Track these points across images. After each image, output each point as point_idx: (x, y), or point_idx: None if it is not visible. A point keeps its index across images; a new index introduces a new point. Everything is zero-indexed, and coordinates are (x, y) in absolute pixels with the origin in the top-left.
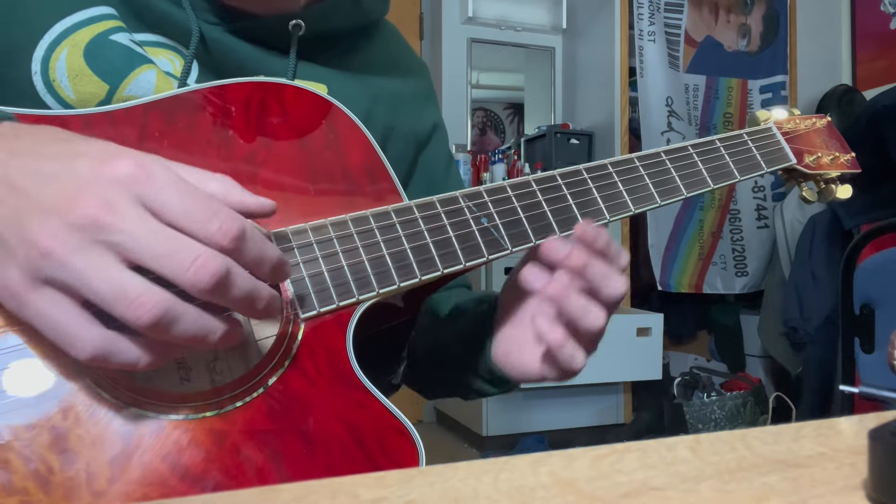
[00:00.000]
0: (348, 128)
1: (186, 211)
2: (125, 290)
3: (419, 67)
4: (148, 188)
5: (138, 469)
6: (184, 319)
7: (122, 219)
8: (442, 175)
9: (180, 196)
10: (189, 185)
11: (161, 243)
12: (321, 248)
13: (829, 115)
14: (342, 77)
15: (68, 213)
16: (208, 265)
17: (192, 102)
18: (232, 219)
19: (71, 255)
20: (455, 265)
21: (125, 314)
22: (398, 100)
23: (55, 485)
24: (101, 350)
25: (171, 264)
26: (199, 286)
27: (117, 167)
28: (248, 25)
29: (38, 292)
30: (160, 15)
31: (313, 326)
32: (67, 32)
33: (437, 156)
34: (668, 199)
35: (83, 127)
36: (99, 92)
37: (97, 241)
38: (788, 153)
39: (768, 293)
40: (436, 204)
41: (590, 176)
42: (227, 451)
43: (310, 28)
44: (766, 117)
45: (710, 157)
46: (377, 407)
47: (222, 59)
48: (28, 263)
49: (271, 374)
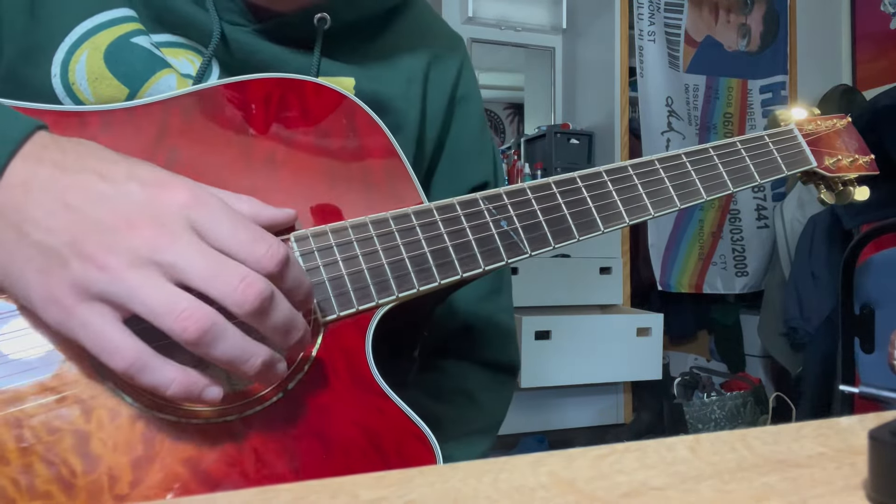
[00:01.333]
0: (368, 126)
1: (236, 236)
2: (175, 303)
3: (451, 39)
4: (200, 214)
5: (160, 473)
6: (228, 338)
7: (175, 241)
8: (468, 146)
9: (230, 223)
10: (237, 214)
11: (211, 265)
12: (341, 250)
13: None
14: (371, 67)
15: (126, 234)
16: (255, 285)
17: (212, 99)
18: (277, 245)
19: (126, 271)
20: (475, 269)
21: (172, 327)
22: (431, 78)
23: (78, 488)
24: (139, 362)
25: (218, 284)
26: (244, 307)
27: (173, 195)
28: (274, 24)
29: (86, 304)
30: (183, 16)
31: (332, 330)
32: (88, 35)
33: (464, 128)
34: (688, 202)
35: (102, 124)
36: (118, 95)
37: (150, 262)
38: (809, 156)
39: (768, 293)
40: (455, 206)
41: (610, 178)
42: (247, 455)
43: (336, 19)
44: (786, 118)
45: (731, 160)
46: (396, 412)
47: (245, 59)
48: (83, 277)
49: (290, 379)
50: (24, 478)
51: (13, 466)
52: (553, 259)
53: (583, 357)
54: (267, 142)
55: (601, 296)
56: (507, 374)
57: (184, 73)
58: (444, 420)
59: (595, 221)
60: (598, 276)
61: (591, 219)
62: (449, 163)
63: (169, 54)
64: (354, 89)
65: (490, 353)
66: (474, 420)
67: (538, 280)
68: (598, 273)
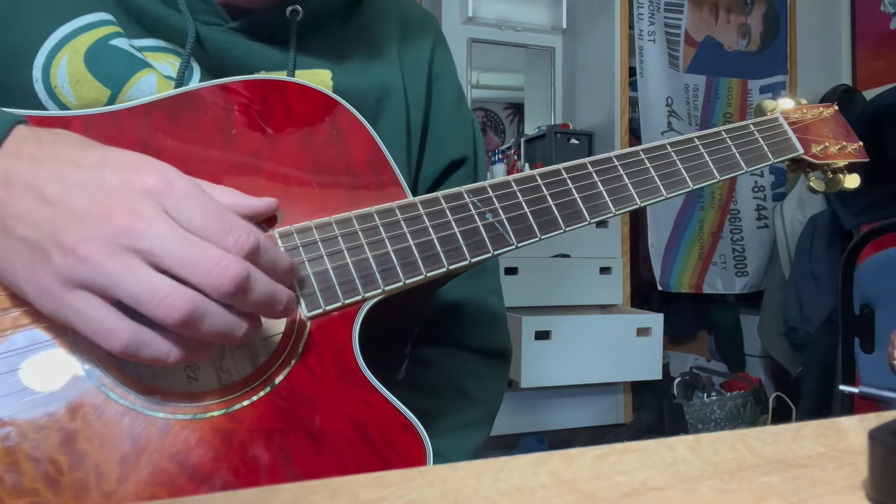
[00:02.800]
0: (351, 123)
1: (205, 222)
2: (157, 290)
3: (422, 18)
4: (172, 199)
5: (147, 469)
6: (211, 316)
7: (150, 226)
8: (446, 121)
9: (201, 208)
10: (208, 198)
11: (186, 249)
12: (326, 245)
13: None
14: (346, 58)
15: (101, 222)
16: (230, 269)
17: (194, 101)
18: (247, 232)
19: (106, 260)
20: (460, 261)
21: (157, 312)
22: (406, 61)
23: (65, 485)
24: (134, 340)
25: (195, 269)
26: (221, 289)
27: (144, 179)
28: (247, 21)
29: (73, 293)
30: (157, 19)
31: (319, 324)
32: (67, 38)
33: (440, 104)
34: (674, 191)
35: (86, 127)
36: (100, 97)
37: (128, 248)
38: (795, 143)
39: (768, 293)
40: (440, 200)
41: (595, 170)
42: (236, 450)
43: (308, 9)
44: (772, 107)
45: (717, 149)
46: (383, 404)
47: (222, 57)
48: (65, 268)
49: (278, 373)
50: (9, 476)
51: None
52: (553, 259)
53: (583, 357)
54: (250, 142)
55: (601, 296)
56: (498, 360)
57: (165, 76)
58: (435, 415)
59: (581, 212)
60: (598, 276)
61: (577, 209)
62: (428, 139)
63: (150, 58)
64: (332, 81)
65: (479, 337)
66: (466, 413)
67: (538, 280)
68: (598, 273)
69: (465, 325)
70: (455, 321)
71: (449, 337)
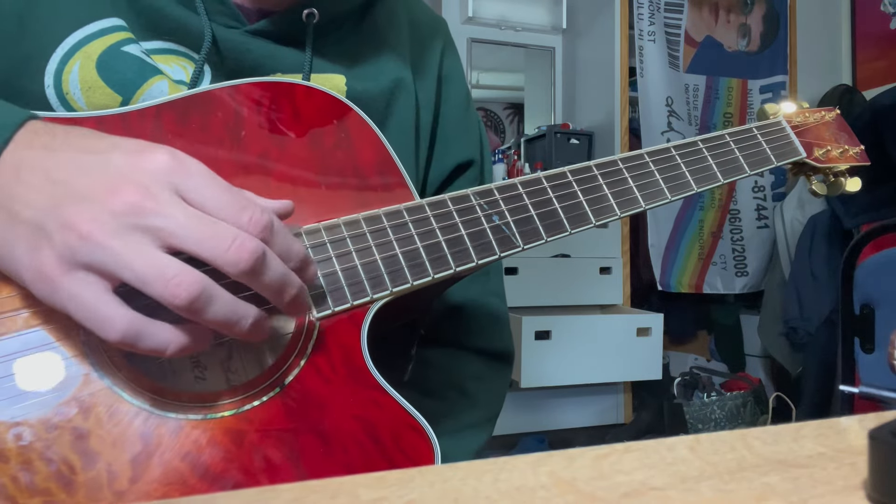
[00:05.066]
0: (359, 125)
1: (219, 201)
2: (163, 270)
3: (433, 22)
4: (183, 178)
5: (159, 469)
6: (218, 301)
7: (161, 204)
8: (453, 124)
9: (214, 187)
10: (219, 179)
11: (201, 227)
12: (334, 247)
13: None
14: (360, 62)
15: (108, 200)
16: (247, 245)
17: (204, 102)
18: (261, 211)
19: (110, 238)
20: (468, 263)
21: (163, 293)
22: (417, 65)
23: (77, 485)
24: (132, 330)
25: (211, 246)
26: (238, 266)
27: (154, 158)
28: (264, 24)
29: (71, 275)
30: (174, 22)
31: (328, 325)
32: (79, 45)
33: (448, 107)
34: (678, 194)
35: (96, 128)
36: (112, 104)
37: (136, 226)
38: (798, 147)
39: (768, 293)
40: (447, 202)
41: (600, 172)
42: (246, 451)
43: (324, 12)
44: (775, 111)
45: (720, 152)
46: (392, 404)
47: (238, 59)
48: (65, 247)
49: (288, 373)
50: (23, 475)
51: (12, 464)
52: (553, 259)
53: (583, 357)
54: (259, 144)
55: (601, 296)
56: (500, 362)
57: (176, 80)
58: (437, 416)
59: (586, 214)
60: (598, 276)
61: (583, 212)
62: (436, 142)
63: (160, 61)
64: (346, 87)
65: (481, 339)
66: (468, 414)
67: (538, 280)
68: (598, 273)
69: (467, 327)
70: (458, 323)
71: (452, 338)
